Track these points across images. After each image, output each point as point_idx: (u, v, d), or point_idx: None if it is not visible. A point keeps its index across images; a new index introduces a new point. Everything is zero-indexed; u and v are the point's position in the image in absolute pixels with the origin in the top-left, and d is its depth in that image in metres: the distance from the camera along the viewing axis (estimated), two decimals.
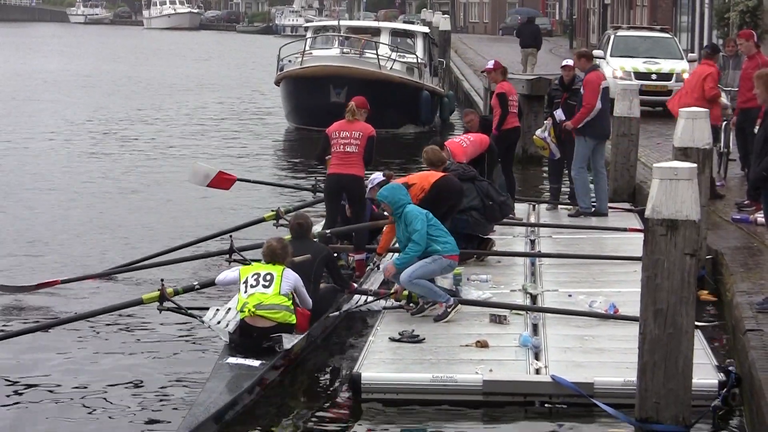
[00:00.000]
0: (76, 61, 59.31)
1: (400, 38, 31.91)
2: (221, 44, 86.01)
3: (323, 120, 28.98)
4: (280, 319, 9.59)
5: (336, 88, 28.32)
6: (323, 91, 28.46)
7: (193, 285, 10.93)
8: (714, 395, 8.54)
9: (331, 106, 28.48)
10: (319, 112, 29.00)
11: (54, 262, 14.26)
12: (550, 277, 12.17)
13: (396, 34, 32.17)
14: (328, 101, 28.41)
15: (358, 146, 12.35)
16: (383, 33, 31.82)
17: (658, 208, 7.68)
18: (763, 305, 10.01)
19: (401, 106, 29.05)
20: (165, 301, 10.25)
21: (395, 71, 29.55)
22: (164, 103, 37.11)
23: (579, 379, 8.78)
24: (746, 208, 14.24)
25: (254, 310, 9.53)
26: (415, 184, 11.85)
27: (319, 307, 10.44)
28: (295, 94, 29.82)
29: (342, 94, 28.18)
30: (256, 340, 9.50)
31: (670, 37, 29.49)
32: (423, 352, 9.62)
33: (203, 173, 15.78)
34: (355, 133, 12.41)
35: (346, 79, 28.20)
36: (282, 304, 9.63)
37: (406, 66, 30.21)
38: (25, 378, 9.83)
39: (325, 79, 28.44)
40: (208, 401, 8.46)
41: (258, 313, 9.53)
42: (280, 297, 9.63)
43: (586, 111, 14.91)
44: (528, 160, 21.44)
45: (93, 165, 23.09)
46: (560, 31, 75.31)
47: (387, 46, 30.45)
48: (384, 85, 28.27)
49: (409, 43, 31.68)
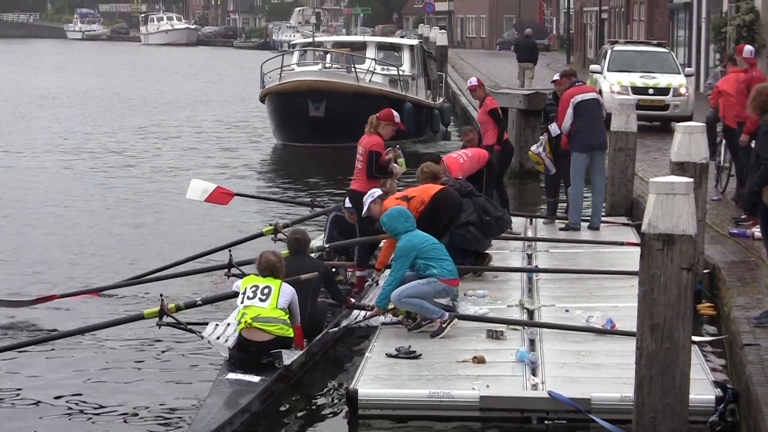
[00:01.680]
0: (73, 78, 59.36)
1: (386, 52, 31.88)
2: (218, 60, 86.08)
3: (304, 135, 29.28)
4: (278, 332, 9.57)
5: (314, 102, 28.34)
6: (302, 106, 28.51)
7: (196, 301, 10.89)
8: (711, 411, 8.52)
9: (310, 121, 28.60)
10: (300, 128, 29.12)
11: (51, 278, 14.24)
12: (547, 292, 12.16)
13: (382, 47, 32.13)
14: (307, 116, 28.47)
15: (362, 161, 12.40)
16: (369, 47, 31.85)
17: (654, 222, 7.67)
18: (761, 320, 10.00)
19: None
20: (164, 316, 10.21)
21: (375, 84, 29.48)
22: (160, 120, 37.11)
23: (576, 395, 8.75)
24: (743, 223, 14.26)
25: (251, 323, 9.53)
26: (414, 197, 11.83)
27: (315, 323, 10.43)
28: (278, 110, 29.87)
29: (321, 109, 28.24)
30: (255, 354, 9.49)
31: (667, 52, 29.52)
32: (420, 368, 9.60)
33: (201, 188, 15.91)
34: (360, 149, 12.51)
35: (324, 93, 28.22)
36: (279, 318, 9.62)
37: (388, 79, 30.15)
38: (23, 392, 9.81)
39: (303, 93, 28.43)
40: (208, 417, 8.44)
41: (255, 326, 9.53)
42: (277, 311, 9.63)
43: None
44: (525, 174, 21.44)
45: (89, 181, 23.09)
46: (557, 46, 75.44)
47: (372, 60, 30.43)
48: (363, 98, 28.18)
49: (396, 56, 31.66)
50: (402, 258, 10.64)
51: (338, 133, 28.21)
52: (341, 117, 28.05)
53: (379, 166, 12.49)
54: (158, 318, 10.23)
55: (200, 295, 11.68)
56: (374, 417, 8.93)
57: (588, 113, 15.08)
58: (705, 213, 12.47)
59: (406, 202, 11.63)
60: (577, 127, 15.05)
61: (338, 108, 28.10)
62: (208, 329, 10.46)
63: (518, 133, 21.70)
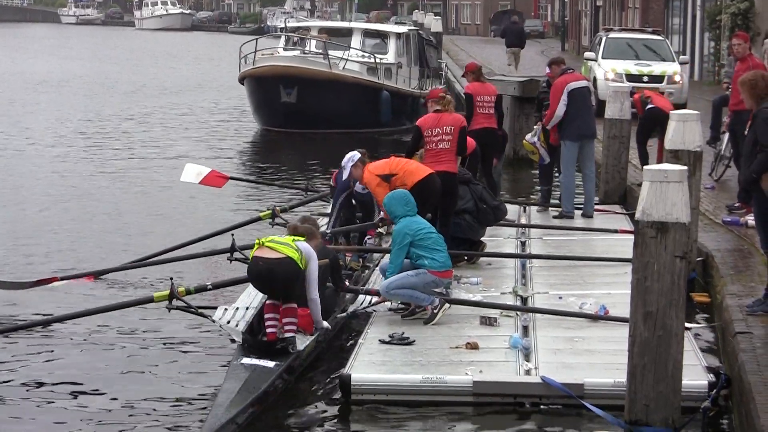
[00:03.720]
0: (67, 63, 59.16)
1: (372, 39, 31.65)
2: (212, 45, 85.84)
3: (277, 120, 29.29)
4: (289, 253, 9.48)
5: (286, 88, 28.28)
6: (274, 91, 28.47)
7: (206, 285, 10.88)
8: (704, 397, 8.54)
9: (283, 107, 28.55)
10: (273, 113, 29.10)
11: (48, 262, 14.22)
12: (541, 279, 12.17)
13: (368, 34, 31.82)
14: (279, 101, 28.41)
15: (451, 140, 12.26)
16: (355, 34, 31.57)
17: (648, 210, 7.68)
18: (753, 308, 10.02)
19: (358, 106, 28.88)
20: (174, 299, 10.16)
21: (350, 71, 29.27)
22: (154, 104, 37.05)
23: (569, 381, 8.78)
24: (737, 211, 14.27)
25: (265, 242, 9.57)
26: (396, 177, 11.66)
27: (324, 309, 10.44)
28: (254, 94, 29.88)
29: (293, 95, 28.17)
30: (264, 273, 9.43)
31: (662, 40, 29.51)
32: (413, 354, 9.61)
33: (196, 171, 16.08)
34: (446, 128, 12.29)
35: (295, 79, 28.13)
36: (292, 245, 9.57)
37: (366, 67, 29.92)
38: (29, 375, 9.77)
39: (275, 79, 28.39)
40: (226, 402, 8.37)
41: (268, 245, 9.51)
42: (293, 245, 9.60)
43: (549, 116, 15.19)
44: (519, 162, 21.45)
45: (84, 166, 23.05)
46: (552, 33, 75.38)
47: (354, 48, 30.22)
48: (336, 85, 28.17)
49: (382, 44, 31.45)
50: (397, 244, 10.63)
51: (312, 120, 28.21)
52: (314, 104, 28.01)
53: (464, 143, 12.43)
54: (168, 301, 10.18)
55: (206, 280, 11.66)
56: (367, 402, 8.95)
57: (580, 101, 15.13)
58: (699, 201, 12.50)
59: (386, 182, 11.56)
60: (568, 116, 15.08)
61: (310, 94, 28.03)
62: (218, 313, 10.40)
63: (512, 120, 21.71)
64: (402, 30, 33.04)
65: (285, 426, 8.79)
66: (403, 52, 31.71)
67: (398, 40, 31.57)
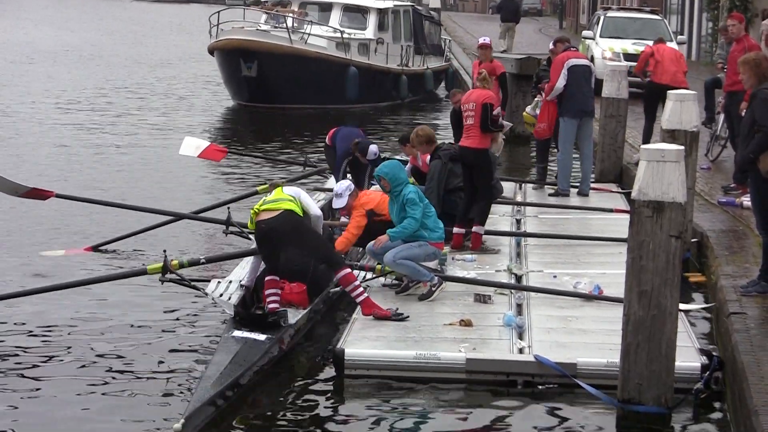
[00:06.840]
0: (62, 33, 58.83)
1: (352, 14, 31.35)
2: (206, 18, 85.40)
3: (243, 95, 29.20)
4: (286, 206, 9.67)
5: (246, 62, 28.12)
6: (235, 65, 28.39)
7: (199, 259, 10.88)
8: (697, 378, 8.54)
9: (244, 80, 28.46)
10: (237, 87, 29.03)
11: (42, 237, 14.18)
12: (536, 258, 12.17)
13: (348, 9, 31.45)
14: (240, 75, 28.30)
15: (475, 116, 12.38)
16: (335, 8, 31.24)
17: (644, 189, 7.67)
18: (747, 288, 10.03)
19: (322, 81, 28.73)
20: (168, 272, 10.19)
21: (314, 46, 29.03)
22: (146, 77, 36.86)
23: (562, 360, 8.78)
24: (732, 192, 14.27)
25: (260, 208, 9.74)
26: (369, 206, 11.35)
27: (319, 283, 10.43)
28: (221, 67, 29.80)
29: (253, 69, 28.04)
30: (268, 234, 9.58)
31: (660, 19, 29.49)
32: (407, 330, 9.61)
33: (194, 145, 16.13)
34: (471, 104, 12.48)
35: (255, 54, 27.98)
36: (285, 198, 9.77)
37: (336, 42, 29.65)
38: (28, 341, 9.81)
39: (235, 52, 28.26)
40: (216, 375, 8.36)
41: (263, 208, 9.70)
42: (284, 194, 9.82)
43: (549, 89, 15.33)
44: (515, 139, 21.41)
45: (79, 139, 22.90)
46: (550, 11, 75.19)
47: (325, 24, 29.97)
48: (298, 60, 28.03)
49: (361, 19, 31.24)
50: (417, 208, 10.50)
51: (275, 95, 28.10)
52: (275, 78, 27.88)
53: (493, 119, 12.42)
54: (161, 274, 10.19)
55: (200, 253, 11.64)
56: (360, 377, 8.95)
57: (580, 78, 15.15)
58: (694, 181, 12.49)
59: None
60: (568, 93, 15.13)
61: (271, 69, 27.91)
62: (211, 286, 10.43)
63: (510, 98, 21.62)
64: (385, 5, 32.19)
65: (277, 400, 8.78)
66: (387, 27, 31.46)
67: (379, 15, 31.26)
